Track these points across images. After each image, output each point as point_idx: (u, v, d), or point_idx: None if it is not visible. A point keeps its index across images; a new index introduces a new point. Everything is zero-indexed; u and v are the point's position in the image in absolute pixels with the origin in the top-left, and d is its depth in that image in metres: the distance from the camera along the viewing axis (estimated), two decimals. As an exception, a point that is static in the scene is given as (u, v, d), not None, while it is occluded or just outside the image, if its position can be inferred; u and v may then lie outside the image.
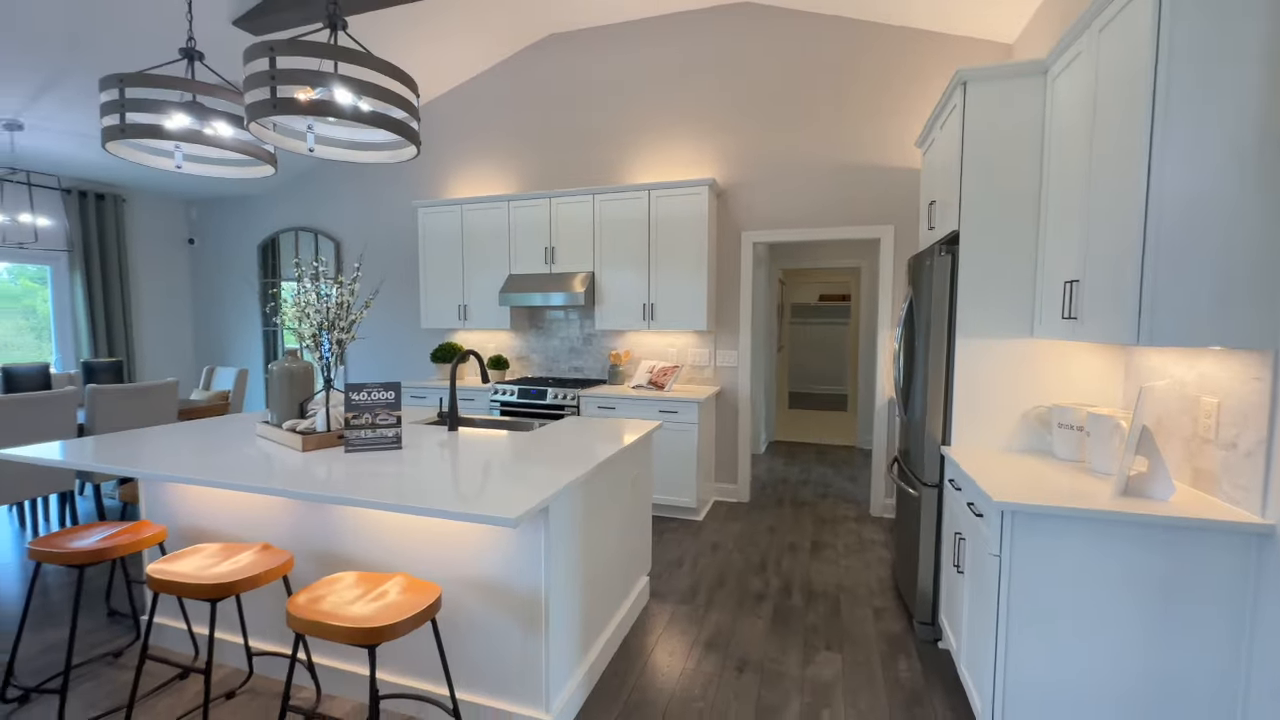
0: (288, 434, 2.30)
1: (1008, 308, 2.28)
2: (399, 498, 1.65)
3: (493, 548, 1.88)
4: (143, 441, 2.37)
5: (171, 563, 1.83)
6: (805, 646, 2.47)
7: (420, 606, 1.57)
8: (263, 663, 2.26)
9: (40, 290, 5.52)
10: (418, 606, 1.57)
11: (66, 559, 1.95)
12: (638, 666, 2.32)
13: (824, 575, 3.15)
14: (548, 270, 4.53)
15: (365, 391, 2.25)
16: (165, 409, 3.87)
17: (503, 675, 1.91)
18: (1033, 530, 1.69)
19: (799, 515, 4.13)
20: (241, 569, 1.80)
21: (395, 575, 1.76)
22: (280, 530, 2.19)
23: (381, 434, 2.26)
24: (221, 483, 1.83)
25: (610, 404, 4.10)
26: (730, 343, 4.42)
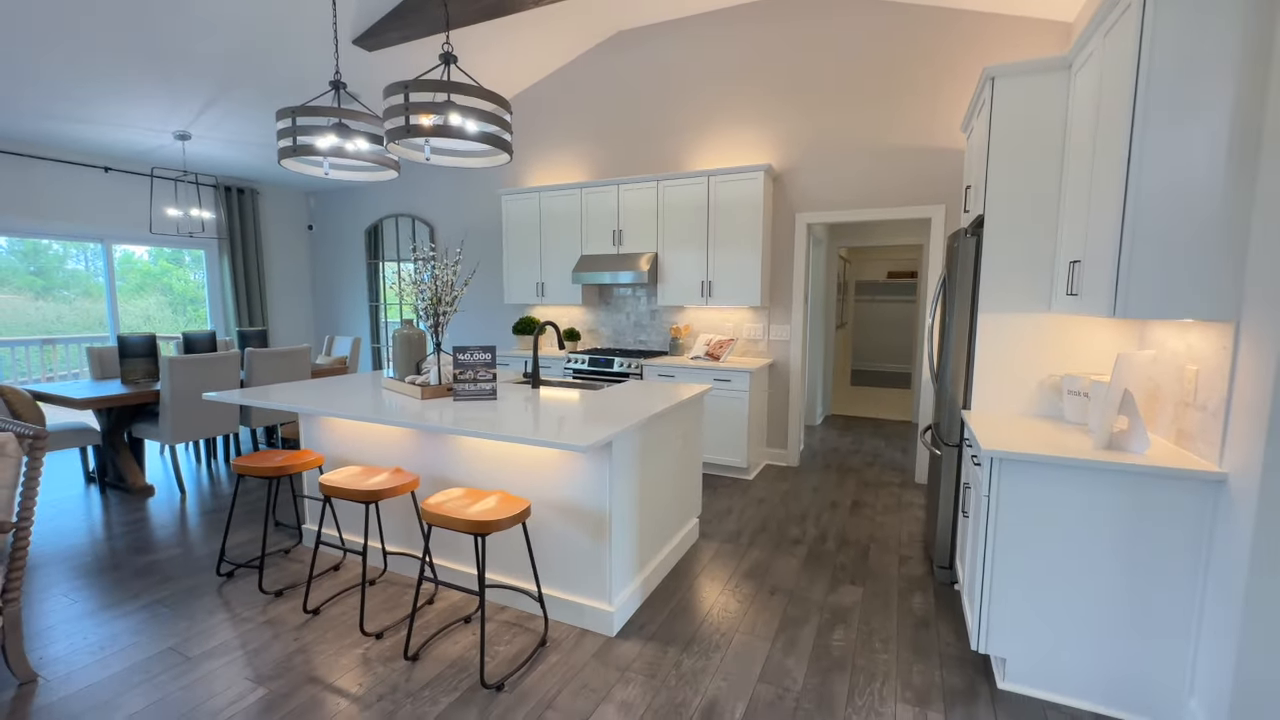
0: (408, 386, 2.90)
1: (1026, 286, 2.51)
2: (497, 429, 2.18)
3: (569, 474, 2.38)
4: (299, 391, 3.05)
5: (334, 476, 2.46)
6: (831, 580, 2.85)
7: (516, 511, 2.09)
8: (395, 561, 2.91)
9: (175, 270, 6.49)
10: (514, 511, 2.09)
11: (260, 472, 2.64)
12: (685, 584, 2.78)
13: (859, 528, 3.48)
14: (615, 251, 4.99)
15: (469, 353, 2.80)
16: (301, 369, 4.68)
17: (576, 575, 2.42)
18: (1015, 474, 1.99)
19: (844, 479, 4.43)
20: (384, 482, 2.40)
21: (494, 492, 2.30)
22: (405, 459, 2.80)
23: (481, 387, 2.81)
24: (368, 417, 2.44)
25: (670, 372, 4.54)
26: (783, 318, 4.72)
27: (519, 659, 2.20)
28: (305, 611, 2.50)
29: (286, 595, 2.66)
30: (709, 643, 2.32)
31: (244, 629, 2.39)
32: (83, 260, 5.73)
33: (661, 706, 1.96)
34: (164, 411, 3.95)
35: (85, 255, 5.73)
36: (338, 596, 2.65)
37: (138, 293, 6.23)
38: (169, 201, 5.64)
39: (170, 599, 2.62)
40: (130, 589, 2.71)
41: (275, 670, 2.13)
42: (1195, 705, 1.79)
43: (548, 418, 2.40)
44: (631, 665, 2.17)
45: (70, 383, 4.29)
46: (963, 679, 2.12)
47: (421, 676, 2.10)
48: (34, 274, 5.53)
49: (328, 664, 2.17)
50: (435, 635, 2.36)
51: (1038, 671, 2.02)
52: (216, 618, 2.47)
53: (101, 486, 4.08)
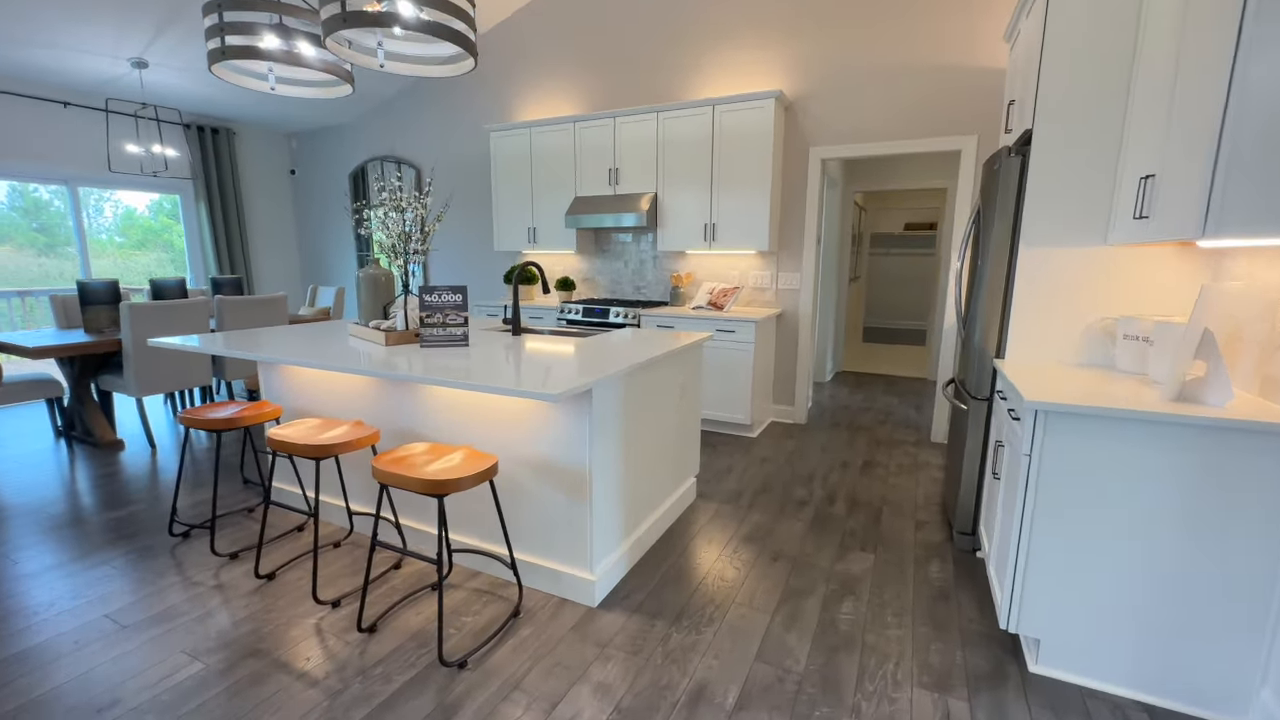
0: (373, 331, 2.61)
1: (1078, 213, 2.14)
2: (461, 377, 1.89)
3: (544, 427, 2.10)
4: (259, 337, 2.76)
5: (284, 430, 2.20)
6: (840, 546, 2.59)
7: (480, 469, 1.82)
8: (361, 521, 2.68)
9: (176, 226, 6.24)
10: (478, 468, 1.82)
11: (207, 425, 2.38)
12: (678, 549, 2.54)
13: (870, 489, 3.21)
14: (612, 191, 4.60)
15: (436, 294, 2.49)
16: (278, 319, 4.40)
17: (553, 539, 2.17)
18: (1064, 430, 1.68)
19: (854, 437, 4.15)
20: (339, 436, 2.13)
21: (461, 447, 2.03)
22: (369, 411, 2.53)
23: (451, 332, 2.51)
24: (320, 364, 2.15)
25: (669, 323, 4.22)
26: (793, 265, 4.36)
27: (487, 631, 1.97)
28: (258, 576, 2.28)
29: (242, 558, 2.44)
30: (701, 615, 2.08)
31: (190, 594, 2.17)
32: (86, 216, 5.49)
33: (644, 689, 1.72)
34: (127, 362, 3.70)
35: (88, 212, 5.49)
36: (297, 560, 2.42)
37: (140, 249, 6.02)
38: (129, 137, 5.26)
39: (118, 560, 2.41)
40: (79, 548, 2.50)
41: (216, 642, 1.91)
42: (1269, 697, 1.53)
43: (526, 366, 2.11)
44: (613, 640, 1.94)
45: (29, 332, 4.04)
46: (988, 660, 1.87)
47: (376, 651, 1.87)
48: (37, 230, 5.32)
49: (275, 636, 1.95)
50: (398, 604, 2.13)
51: (1076, 654, 1.76)
52: (164, 581, 2.26)
53: (69, 441, 3.88)
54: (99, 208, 5.65)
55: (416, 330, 2.62)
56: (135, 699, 1.66)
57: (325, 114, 6.20)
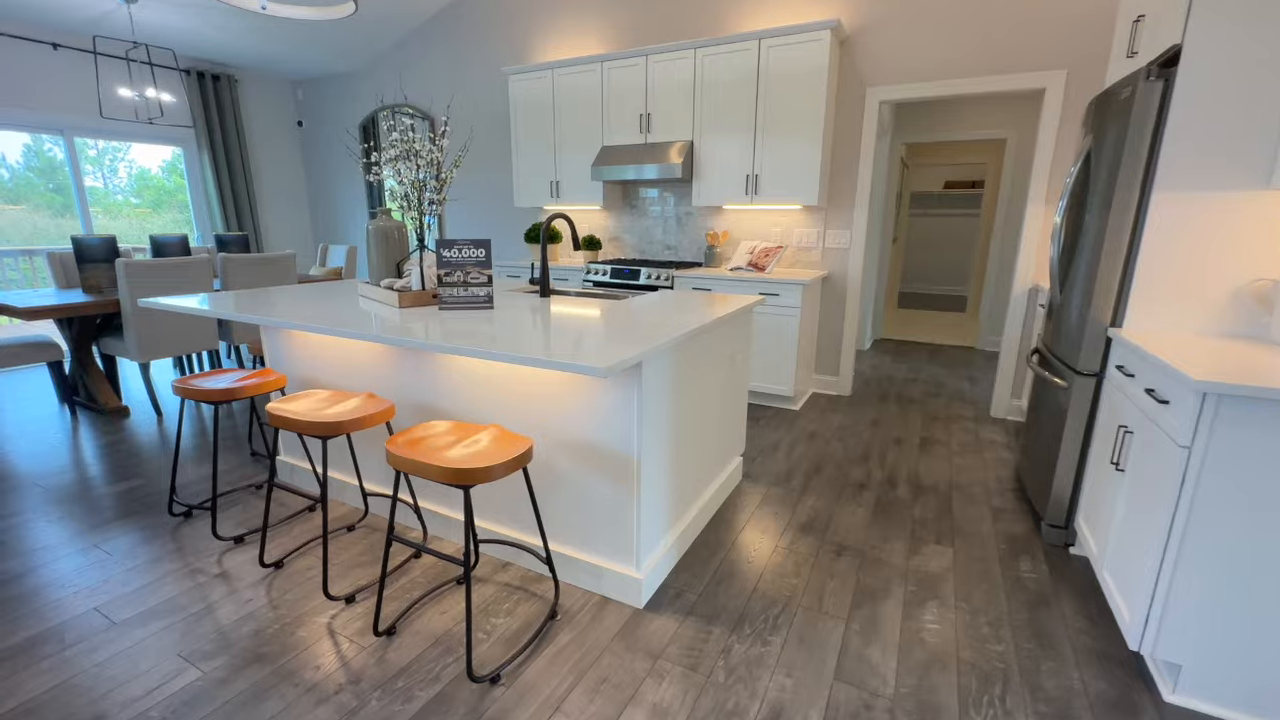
0: (385, 291, 2.30)
1: (1236, 149, 1.74)
2: (493, 346, 1.58)
3: (586, 404, 1.80)
4: (259, 298, 2.47)
5: (288, 403, 1.93)
6: (911, 538, 2.30)
7: (512, 455, 1.53)
8: (377, 503, 2.43)
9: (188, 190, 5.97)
10: (510, 453, 1.53)
11: (202, 395, 2.12)
12: (729, 540, 2.26)
13: (934, 471, 2.90)
14: (643, 140, 4.19)
15: (456, 248, 2.17)
16: (285, 278, 4.12)
17: (594, 531, 1.90)
18: (1241, 419, 1.34)
19: (906, 411, 3.82)
20: (348, 411, 1.86)
21: (488, 426, 1.74)
22: (383, 382, 2.25)
23: (474, 293, 2.20)
24: (324, 329, 1.86)
25: (706, 285, 3.87)
26: (843, 221, 3.95)
27: (521, 637, 1.72)
28: (263, 565, 2.05)
29: (248, 542, 2.21)
30: (765, 621, 1.81)
31: (188, 585, 1.95)
32: (100, 178, 5.29)
33: (708, 715, 1.46)
34: (127, 325, 3.46)
35: (102, 173, 5.24)
36: (307, 546, 2.19)
37: (156, 210, 5.81)
38: (121, 80, 4.90)
39: (114, 542, 2.20)
40: (71, 528, 2.29)
41: (215, 644, 1.68)
42: None
43: (560, 332, 1.80)
44: (666, 651, 1.68)
45: (24, 291, 3.81)
46: (1111, 684, 1.58)
47: (396, 659, 1.63)
48: (53, 191, 5.10)
49: (281, 637, 1.71)
50: (420, 601, 1.88)
51: (1229, 685, 1.46)
52: (161, 569, 2.04)
53: (72, 407, 3.69)
54: (113, 168, 5.51)
55: (434, 290, 2.31)
56: (119, 715, 1.44)
57: (331, 59, 5.78)
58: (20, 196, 4.98)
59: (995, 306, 5.59)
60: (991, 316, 5.62)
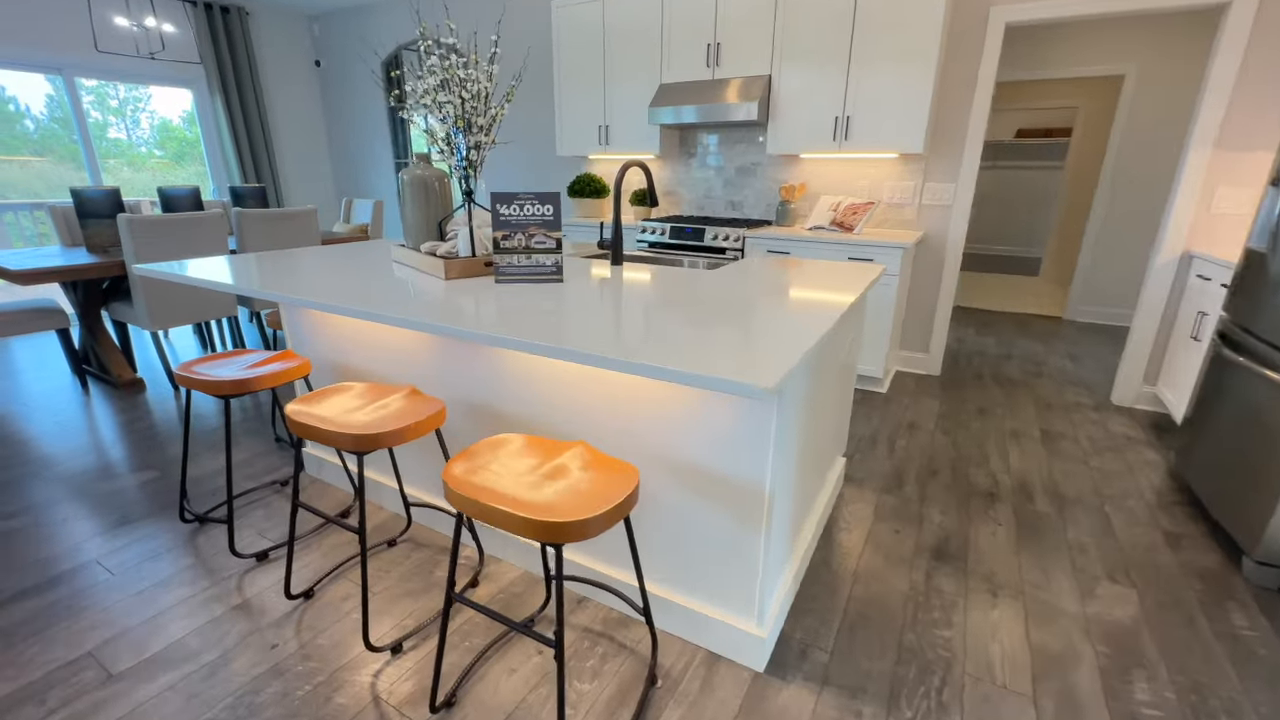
0: (427, 258, 1.86)
1: None
2: (592, 348, 1.13)
3: (704, 421, 1.36)
4: (281, 263, 2.05)
5: (313, 404, 1.52)
6: (1076, 571, 1.85)
7: (617, 497, 1.10)
8: (421, 512, 2.06)
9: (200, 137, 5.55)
10: (613, 496, 1.11)
11: (209, 388, 1.72)
12: (848, 569, 1.84)
13: (1072, 477, 2.43)
14: (710, 75, 3.59)
15: (516, 204, 1.70)
16: (308, 236, 3.70)
17: (702, 573, 1.49)
18: None
19: (1012, 396, 3.31)
20: (389, 417, 1.44)
21: (573, 445, 1.31)
22: (427, 372, 1.83)
23: (538, 261, 1.74)
24: (361, 312, 1.42)
25: (783, 247, 3.35)
26: (946, 173, 3.36)
27: (619, 714, 1.34)
28: (289, 597, 1.69)
29: (272, 560, 1.86)
30: (926, 697, 1.40)
31: (203, 621, 1.60)
32: (123, 128, 4.95)
33: None
34: (135, 289, 3.08)
35: (125, 123, 4.99)
36: (342, 567, 1.82)
37: (179, 162, 5.44)
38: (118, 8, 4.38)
39: (115, 558, 1.86)
40: (70, 538, 1.96)
41: (232, 715, 1.33)
42: None
43: (661, 320, 1.34)
44: (809, 743, 1.28)
45: (25, 250, 3.45)
46: None
47: (460, 748, 1.26)
48: (77, 143, 4.79)
49: (314, 707, 1.35)
50: (485, 654, 1.51)
51: None
52: (170, 596, 1.69)
53: (83, 378, 3.37)
54: (135, 119, 5.19)
55: (487, 256, 1.86)
56: (109, 829, 1.10)
57: (350, -12, 5.18)
58: (46, 148, 4.70)
59: (1097, 273, 4.95)
60: (1089, 285, 4.99)
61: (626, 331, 1.22)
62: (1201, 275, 2.78)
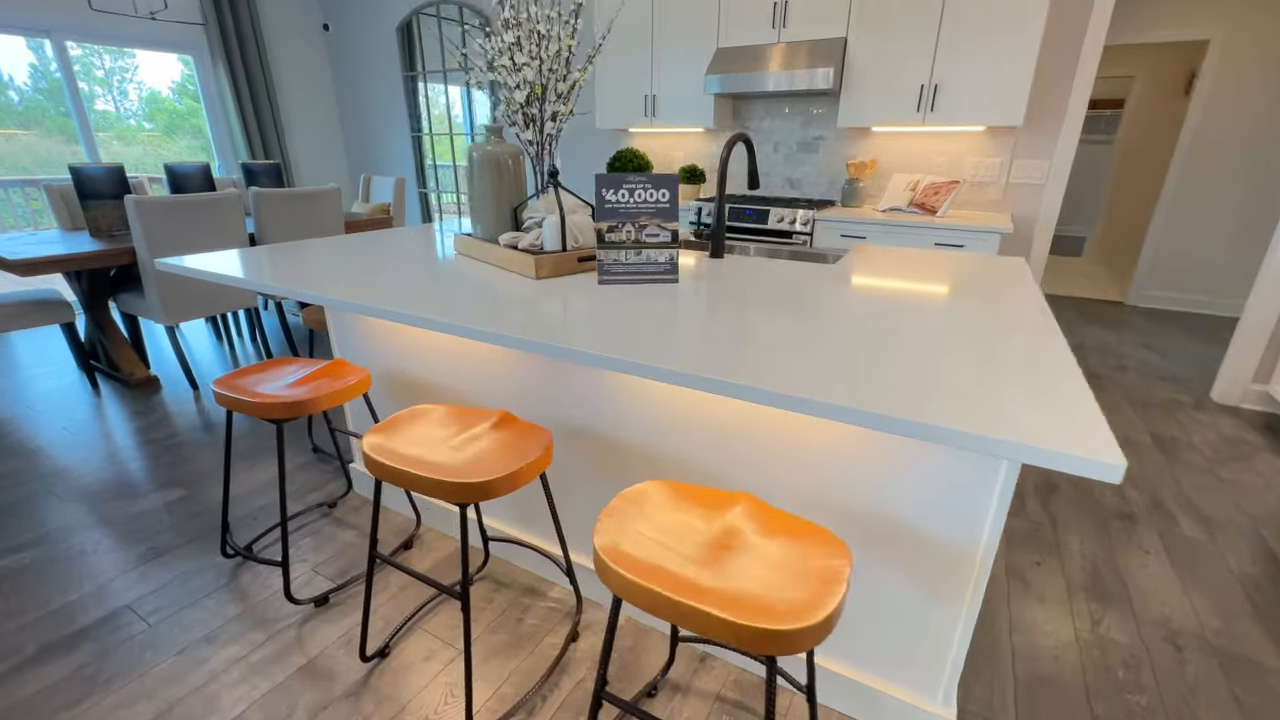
0: (510, 253, 1.56)
1: None
2: (853, 398, 0.85)
3: (901, 472, 1.09)
4: (321, 257, 1.75)
5: (392, 436, 1.24)
6: (1259, 616, 1.61)
7: (831, 593, 0.84)
8: (500, 545, 1.80)
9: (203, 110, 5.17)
10: (829, 585, 0.84)
11: (261, 410, 1.45)
12: (1001, 619, 1.60)
13: (1206, 492, 2.18)
14: (775, 39, 3.24)
15: (625, 188, 1.41)
16: (331, 218, 3.38)
17: (876, 642, 1.24)
18: None
19: (1102, 392, 3.06)
20: (493, 455, 1.17)
21: (738, 497, 1.04)
22: (512, 386, 1.56)
23: (650, 257, 1.45)
24: (461, 329, 1.14)
25: (858, 231, 3.05)
26: (1039, 148, 3.05)
27: (789, 826, 1.10)
28: (364, 659, 1.43)
29: (334, 605, 1.60)
30: (1152, 794, 1.16)
31: (263, 691, 1.35)
32: (111, 100, 4.65)
33: None
34: (147, 279, 2.78)
35: (112, 95, 4.70)
36: (418, 617, 1.57)
37: (170, 136, 5.10)
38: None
39: (150, 603, 1.60)
40: (93, 576, 1.71)
41: (317, 826, 1.09)
42: None
43: (831, 336, 1.06)
44: None
45: (20, 235, 3.13)
46: None
47: None
48: (64, 114, 4.45)
49: (416, 814, 1.11)
50: (603, 733, 1.26)
51: None
52: (219, 658, 1.44)
53: (91, 376, 3.08)
54: (123, 90, 4.78)
55: (580, 251, 1.56)
56: None
57: (361, -58, 4.74)
58: (31, 121, 4.35)
59: (1166, 256, 4.64)
60: (1157, 268, 4.69)
61: (824, 361, 0.95)
62: (1340, 264, 2.49)
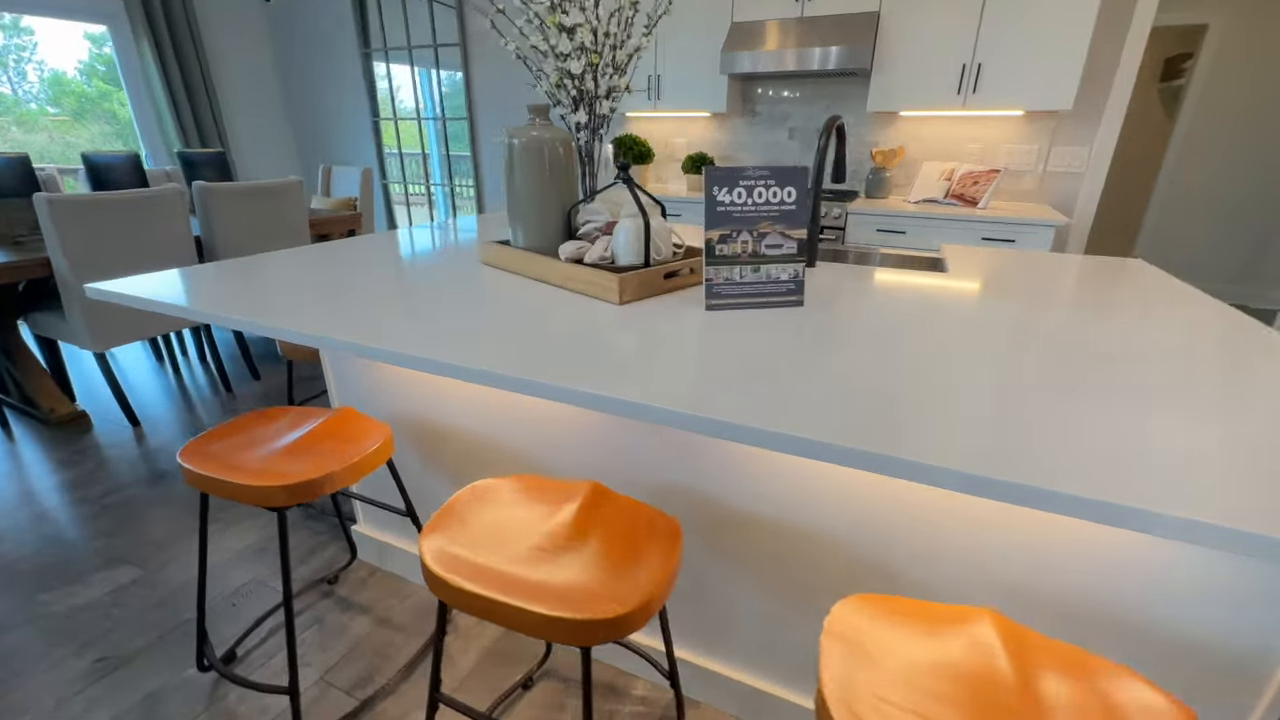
0: (583, 271, 1.21)
1: None
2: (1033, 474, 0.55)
3: (1187, 575, 0.81)
4: (308, 275, 1.35)
5: (457, 536, 0.89)
6: None
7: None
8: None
9: (118, 93, 4.48)
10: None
11: (257, 496, 1.05)
12: None
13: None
14: (798, 13, 2.94)
15: (742, 185, 1.08)
16: (295, 217, 2.90)
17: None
18: None
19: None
20: (613, 565, 0.83)
21: (981, 613, 0.74)
22: (586, 438, 1.21)
23: (770, 274, 1.13)
24: (571, 393, 0.79)
25: (896, 225, 2.80)
26: (1079, 135, 2.87)
27: None
28: (417, 823, 1.08)
29: (357, 733, 1.23)
30: None
31: None
32: (7, 81, 3.99)
33: None
34: (67, 296, 2.27)
35: (8, 75, 4.04)
36: (472, 743, 1.22)
37: (78, 121, 4.40)
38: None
39: (104, 744, 1.19)
40: (21, 710, 1.28)
41: None
42: None
43: (1027, 380, 0.77)
44: None
45: (-102, 243, 2.53)
46: None
47: None
48: None
49: None
50: None
51: None
52: (209, 823, 1.06)
53: (1, 414, 2.53)
54: (20, 70, 4.09)
55: (667, 264, 1.22)
56: None
57: (307, -102, 4.17)
58: None
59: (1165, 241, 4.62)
60: (1156, 252, 4.67)
61: (1064, 428, 0.66)
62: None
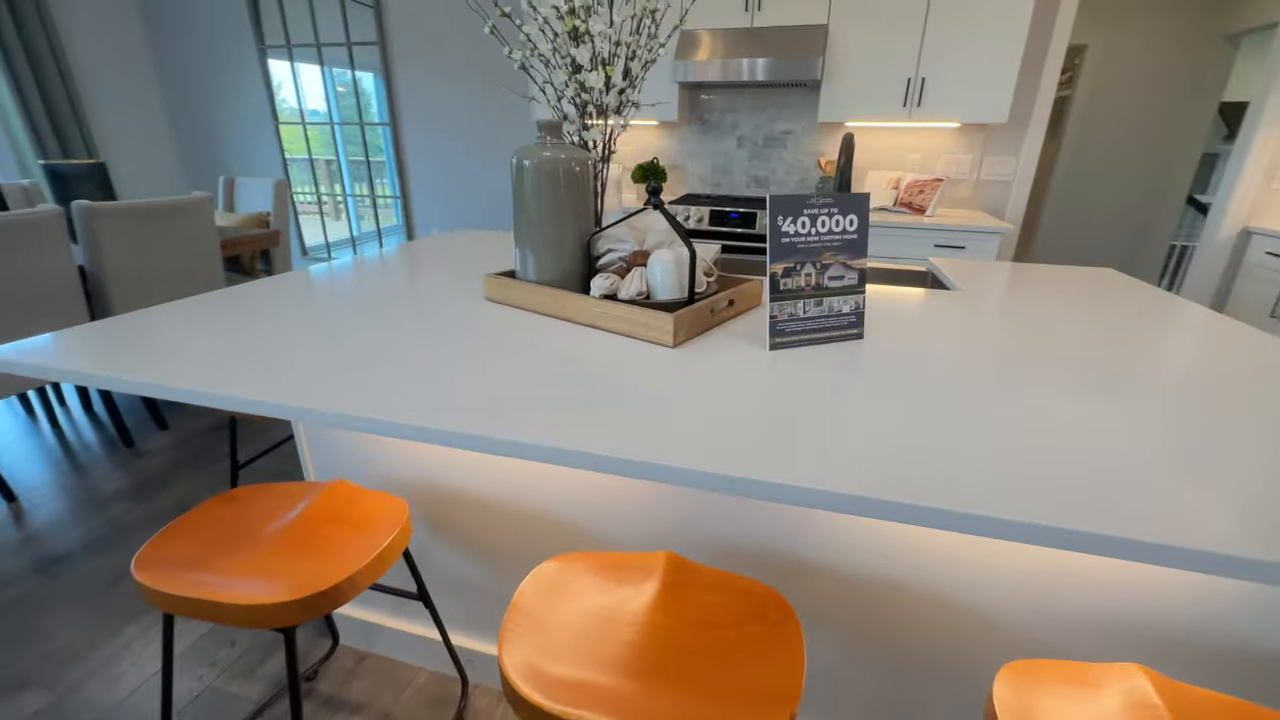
0: (617, 305, 1.08)
1: None
2: None
3: None
4: (259, 323, 1.12)
5: (545, 646, 0.74)
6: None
7: None
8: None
9: None
10: None
11: (262, 618, 0.84)
12: None
13: None
14: (748, 23, 2.93)
15: (805, 214, 1.00)
16: (203, 241, 2.51)
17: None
18: None
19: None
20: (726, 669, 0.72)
21: (1129, 668, 0.70)
22: (639, 505, 1.08)
23: (832, 308, 1.06)
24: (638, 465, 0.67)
25: (854, 235, 2.85)
26: (1007, 144, 3.07)
27: None
28: None
29: None
30: None
31: None
32: None
33: None
34: (-92, 349, 1.80)
35: None
36: None
37: None
38: None
39: None
40: None
41: None
42: None
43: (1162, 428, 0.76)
44: None
45: None
46: None
47: None
48: None
49: None
50: None
51: None
52: None
53: None
54: None
55: (713, 300, 1.12)
56: None
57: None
58: None
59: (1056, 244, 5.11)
60: (1052, 255, 5.15)
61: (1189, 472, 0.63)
62: (1272, 252, 2.75)
